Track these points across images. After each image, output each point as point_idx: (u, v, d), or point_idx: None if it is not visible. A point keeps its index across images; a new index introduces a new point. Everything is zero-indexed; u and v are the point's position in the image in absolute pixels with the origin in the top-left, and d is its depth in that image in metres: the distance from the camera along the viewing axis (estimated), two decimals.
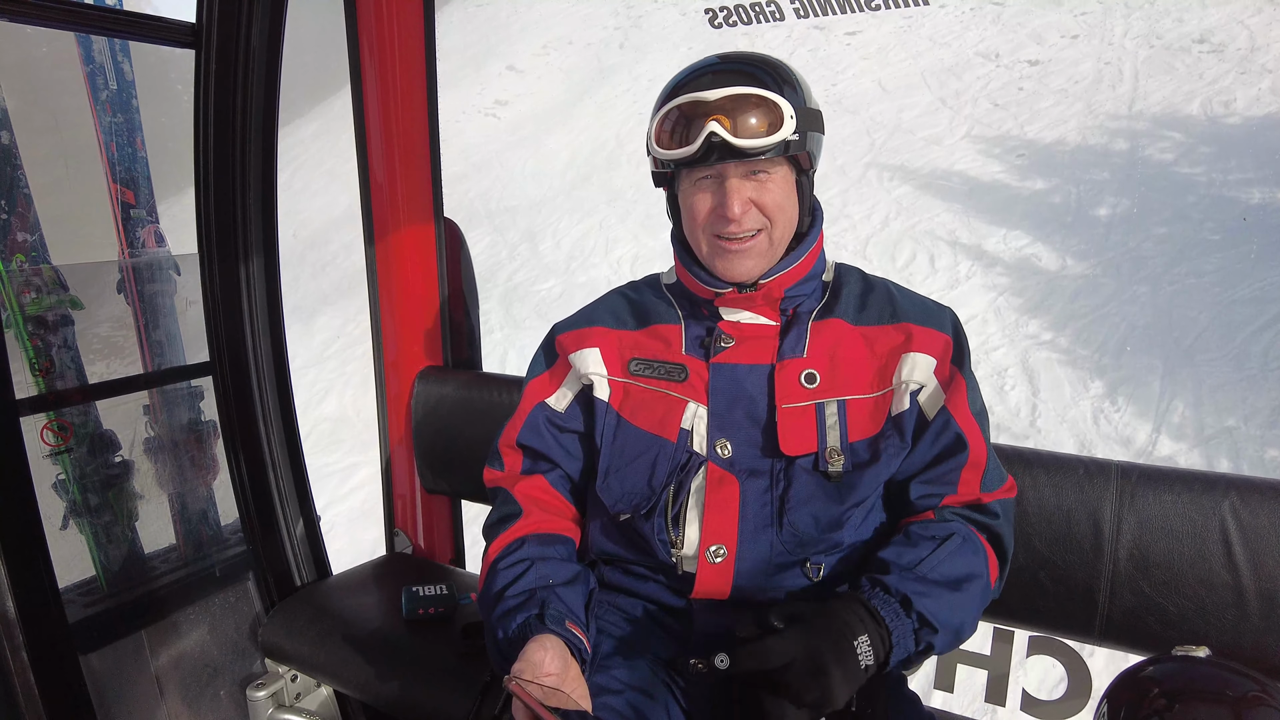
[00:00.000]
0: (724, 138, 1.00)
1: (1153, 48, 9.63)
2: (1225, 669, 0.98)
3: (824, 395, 1.09)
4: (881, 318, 1.14)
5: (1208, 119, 7.76)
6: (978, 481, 1.09)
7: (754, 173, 1.05)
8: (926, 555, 1.00)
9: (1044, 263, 5.99)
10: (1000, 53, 10.70)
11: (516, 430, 1.24)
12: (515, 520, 1.16)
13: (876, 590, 0.97)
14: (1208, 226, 6.01)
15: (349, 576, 1.87)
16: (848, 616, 0.92)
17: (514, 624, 1.02)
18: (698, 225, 1.10)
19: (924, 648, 0.97)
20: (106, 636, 1.56)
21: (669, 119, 1.05)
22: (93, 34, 1.65)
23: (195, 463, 1.83)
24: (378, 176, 1.88)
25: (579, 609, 1.06)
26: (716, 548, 1.07)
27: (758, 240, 1.08)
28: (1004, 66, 10.33)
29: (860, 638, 0.90)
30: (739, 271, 1.10)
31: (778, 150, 1.02)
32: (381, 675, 1.52)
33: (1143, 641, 1.23)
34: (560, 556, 1.12)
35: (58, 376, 1.58)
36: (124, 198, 1.76)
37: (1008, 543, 1.11)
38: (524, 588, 1.06)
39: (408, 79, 1.82)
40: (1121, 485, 1.23)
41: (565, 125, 11.74)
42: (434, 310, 1.95)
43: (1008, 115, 8.98)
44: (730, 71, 1.06)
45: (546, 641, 0.97)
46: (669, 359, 1.16)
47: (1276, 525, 1.15)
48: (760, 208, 1.06)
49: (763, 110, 1.01)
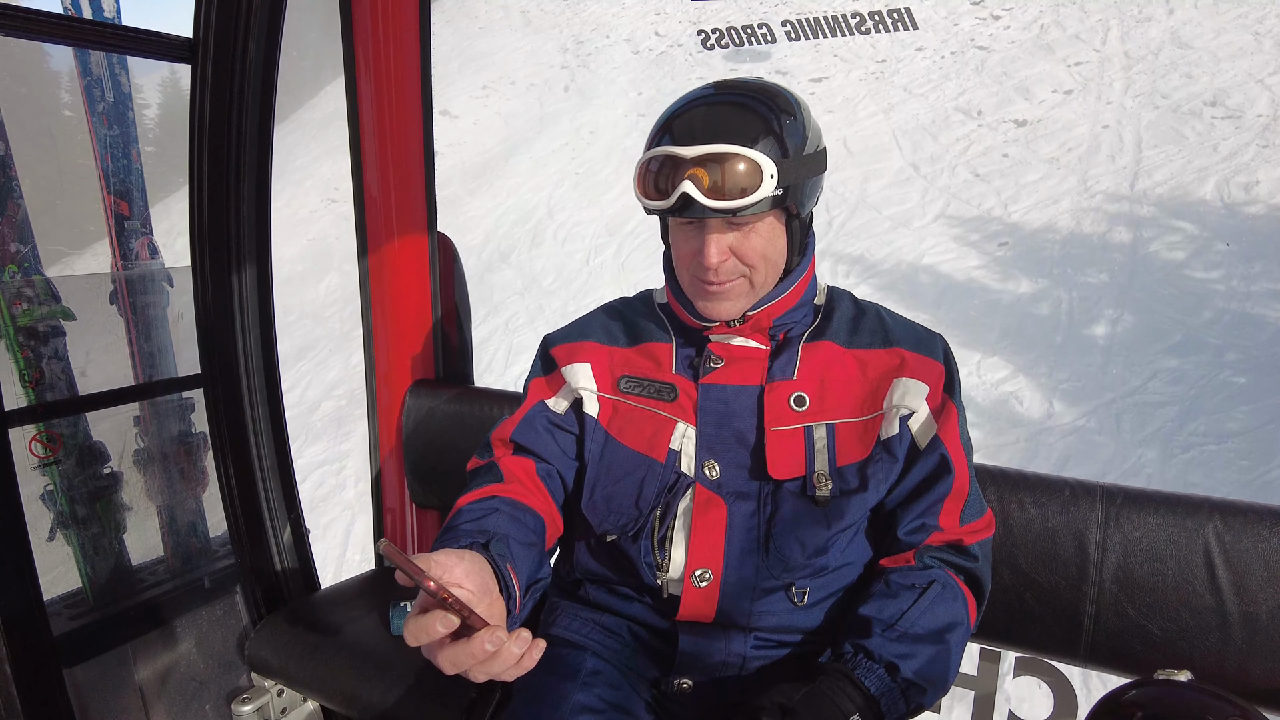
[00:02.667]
0: (696, 199, 0.98)
1: (1158, 109, 8.33)
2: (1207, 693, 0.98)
3: (813, 418, 1.09)
4: (874, 341, 1.14)
5: (1225, 206, 6.44)
6: (958, 513, 1.09)
7: (737, 225, 1.03)
8: (908, 608, 1.00)
9: (1026, 407, 4.75)
10: (984, 109, 9.45)
11: (513, 425, 1.20)
12: (494, 483, 1.10)
13: (859, 658, 0.97)
14: (1230, 359, 4.80)
15: (337, 590, 1.86)
16: (837, 699, 0.91)
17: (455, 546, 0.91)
18: (681, 266, 1.10)
19: (914, 707, 0.98)
20: (91, 650, 1.55)
21: (651, 167, 1.03)
22: (90, 49, 1.66)
23: (185, 475, 1.83)
24: (371, 190, 1.88)
25: (524, 571, 0.96)
26: (702, 571, 1.06)
27: (737, 284, 1.07)
28: (987, 126, 9.02)
29: (851, 717, 0.90)
30: (718, 312, 1.10)
31: (758, 208, 1.00)
32: (369, 690, 1.51)
33: (1127, 664, 1.23)
34: (526, 523, 1.05)
35: (48, 387, 1.58)
36: (118, 209, 1.77)
37: (986, 584, 1.11)
38: (478, 526, 0.98)
39: (402, 92, 1.83)
40: (1107, 507, 1.24)
41: (494, 185, 10.77)
42: (426, 324, 1.95)
43: (989, 190, 7.67)
44: (718, 109, 1.02)
45: (468, 555, 0.82)
46: (659, 378, 1.16)
47: (1259, 548, 1.16)
48: (740, 257, 1.04)
49: (741, 168, 0.97)
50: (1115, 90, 9.04)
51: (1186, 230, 6.24)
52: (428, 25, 1.83)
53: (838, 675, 0.94)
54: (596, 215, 9.36)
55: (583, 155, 11.31)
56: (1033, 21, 11.39)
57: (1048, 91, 9.50)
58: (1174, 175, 7.07)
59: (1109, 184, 7.21)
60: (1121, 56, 9.80)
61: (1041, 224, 6.88)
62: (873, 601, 1.03)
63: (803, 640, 1.08)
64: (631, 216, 8.87)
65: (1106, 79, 9.37)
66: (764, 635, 1.07)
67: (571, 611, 1.19)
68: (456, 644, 0.73)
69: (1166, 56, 9.48)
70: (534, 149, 11.64)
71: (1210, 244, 6.00)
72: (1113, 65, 9.64)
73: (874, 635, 0.98)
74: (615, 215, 9.17)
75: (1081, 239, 6.49)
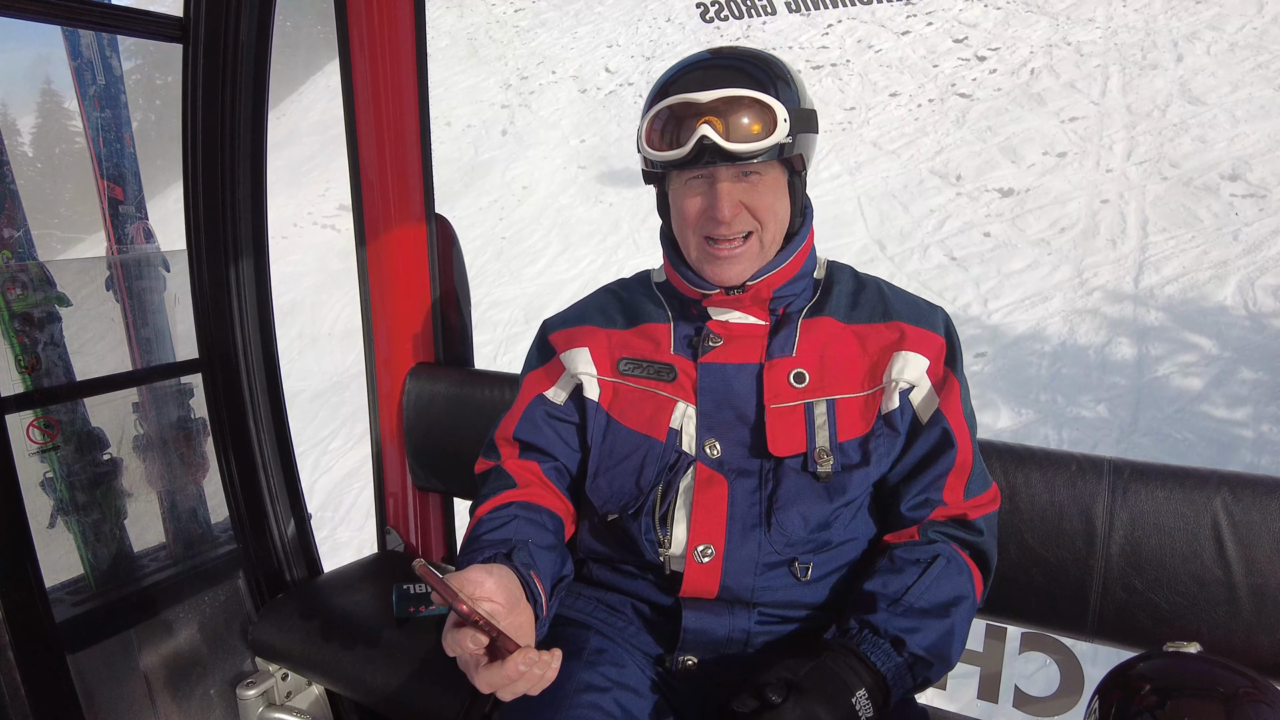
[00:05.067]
0: (715, 141, 0.98)
1: (1166, 180, 6.91)
2: (1216, 665, 0.97)
3: (813, 395, 1.08)
4: (873, 315, 1.13)
5: (1249, 316, 5.09)
6: (962, 488, 1.08)
7: (745, 174, 1.04)
8: (913, 583, 1.00)
9: None
10: (963, 173, 8.02)
11: (514, 424, 1.22)
12: (508, 489, 1.14)
13: (865, 633, 0.96)
14: None
15: (340, 575, 1.86)
16: (843, 673, 0.91)
17: (479, 560, 0.98)
18: (688, 227, 1.08)
19: (920, 681, 0.97)
20: (94, 636, 1.54)
21: (659, 119, 1.03)
22: (79, 28, 1.64)
23: (185, 460, 1.82)
24: (369, 173, 1.86)
25: (547, 574, 1.03)
26: (704, 547, 1.06)
27: (748, 245, 1.06)
28: (967, 195, 7.63)
29: (858, 693, 0.89)
30: (727, 276, 1.09)
31: (771, 154, 1.01)
32: (373, 673, 1.51)
33: (1134, 638, 1.22)
34: (544, 524, 1.10)
35: (44, 374, 1.57)
36: (112, 193, 1.75)
37: (991, 558, 1.11)
38: (501, 536, 1.03)
39: (399, 76, 1.81)
40: (1114, 481, 1.23)
41: None
42: (425, 307, 1.94)
43: (967, 279, 6.36)
44: (723, 69, 1.03)
45: (495, 569, 0.91)
46: (658, 358, 1.15)
47: (1268, 521, 1.15)
48: (751, 210, 1.05)
49: (755, 112, 0.99)
50: (1116, 155, 7.62)
51: (1203, 348, 4.89)
52: (423, 8, 1.81)
53: (844, 651, 0.94)
54: (516, 294, 8.24)
55: (511, 216, 10.31)
56: (1022, 65, 9.93)
57: (1038, 153, 8.02)
58: (1186, 270, 5.73)
59: (1109, 277, 5.89)
60: (1123, 111, 8.32)
61: (1028, 329, 5.56)
62: (878, 577, 1.03)
63: (807, 616, 1.08)
64: (558, 294, 7.87)
65: (1106, 140, 7.90)
66: (768, 611, 1.07)
67: (575, 590, 1.19)
68: (491, 666, 0.83)
69: (1175, 114, 7.93)
70: (459, 207, 10.48)
71: (1233, 369, 4.67)
72: (1113, 122, 8.18)
73: (879, 610, 0.98)
74: (538, 294, 8.10)
75: (1075, 353, 5.19)
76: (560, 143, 11.77)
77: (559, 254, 9.14)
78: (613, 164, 10.98)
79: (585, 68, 14.01)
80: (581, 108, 12.56)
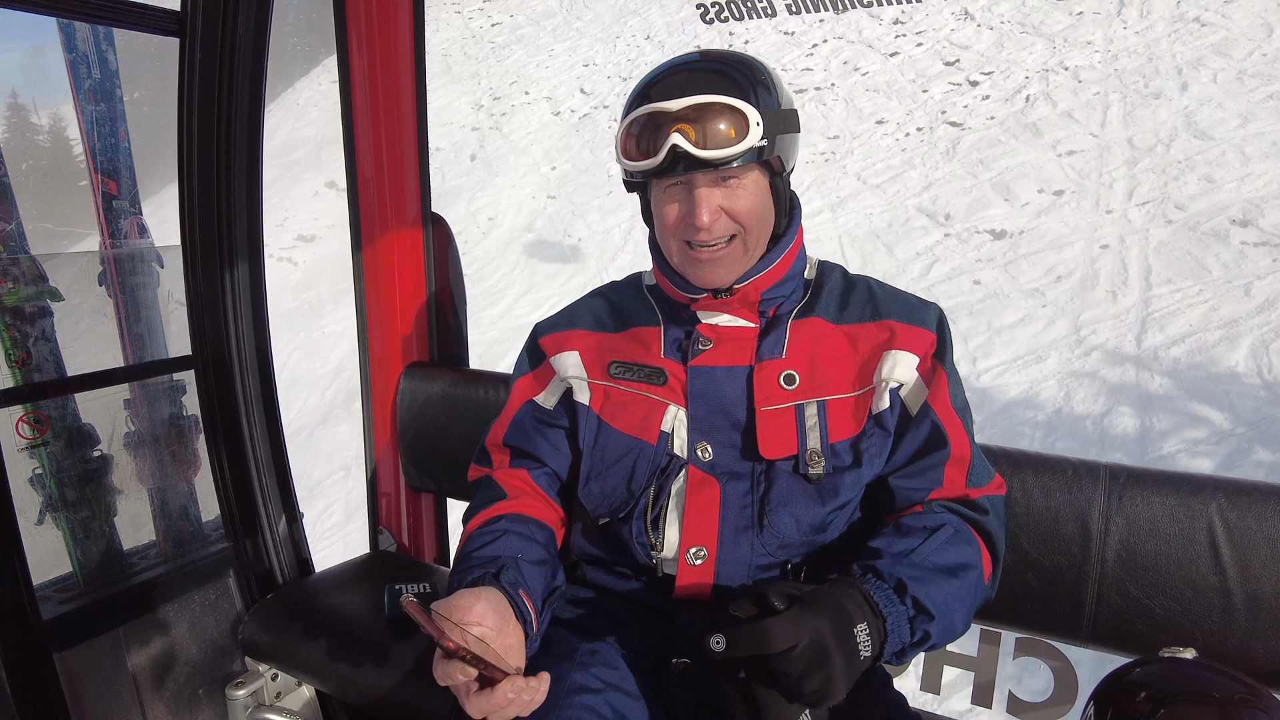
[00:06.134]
0: (687, 150, 0.98)
1: (1170, 224, 6.37)
2: (1212, 671, 0.97)
3: (803, 396, 1.08)
4: (863, 315, 1.13)
5: (1265, 385, 4.62)
6: (963, 477, 1.07)
7: (724, 179, 1.03)
8: (918, 545, 0.98)
9: None
10: (953, 212, 7.42)
11: (503, 430, 1.22)
12: (498, 501, 1.14)
13: (869, 576, 0.94)
14: None
15: (331, 574, 1.85)
16: (846, 602, 0.88)
17: (467, 581, 0.99)
18: (669, 233, 1.08)
19: (919, 638, 0.94)
20: (82, 634, 1.53)
21: (634, 128, 1.03)
22: (75, 20, 1.63)
23: (176, 458, 1.80)
24: (365, 173, 1.86)
25: (537, 590, 1.03)
26: (697, 550, 1.05)
27: (731, 248, 1.06)
28: (955, 237, 7.06)
29: (860, 625, 0.86)
30: (711, 279, 1.08)
31: (745, 159, 1.00)
32: (363, 674, 1.50)
33: (1129, 644, 1.22)
34: (534, 537, 1.10)
35: (35, 368, 1.55)
36: (106, 188, 1.74)
37: (999, 541, 1.08)
38: (490, 554, 1.03)
39: (396, 76, 1.81)
40: (1110, 487, 1.23)
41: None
42: (421, 307, 1.93)
43: (955, 335, 5.08)
44: (697, 73, 1.03)
45: (483, 593, 0.92)
46: (648, 362, 1.15)
47: (1263, 527, 1.15)
48: (732, 214, 1.04)
49: (728, 117, 0.98)
50: (1116, 194, 7.01)
51: (1213, 422, 4.37)
52: (422, 8, 1.80)
53: (847, 584, 0.91)
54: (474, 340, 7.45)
55: (474, 250, 9.58)
56: (1016, 91, 9.35)
57: (1033, 190, 7.42)
58: (1194, 328, 5.20)
59: (1108, 335, 5.37)
60: (1124, 145, 7.70)
61: (1020, 393, 5.02)
62: (882, 538, 1.01)
63: None
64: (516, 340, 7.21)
65: (1106, 177, 7.30)
66: None
67: (568, 592, 1.18)
68: (482, 693, 0.85)
69: (1180, 149, 7.30)
70: None
71: (1247, 449, 4.12)
72: (1113, 157, 7.57)
73: (884, 558, 0.96)
74: (496, 341, 7.31)
75: (1072, 425, 4.66)
76: (530, 170, 11.12)
77: (521, 295, 8.55)
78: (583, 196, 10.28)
79: (560, 88, 13.52)
80: (554, 131, 11.97)
